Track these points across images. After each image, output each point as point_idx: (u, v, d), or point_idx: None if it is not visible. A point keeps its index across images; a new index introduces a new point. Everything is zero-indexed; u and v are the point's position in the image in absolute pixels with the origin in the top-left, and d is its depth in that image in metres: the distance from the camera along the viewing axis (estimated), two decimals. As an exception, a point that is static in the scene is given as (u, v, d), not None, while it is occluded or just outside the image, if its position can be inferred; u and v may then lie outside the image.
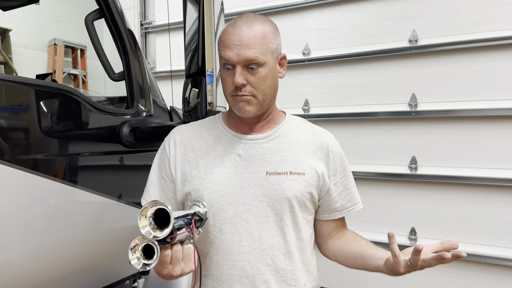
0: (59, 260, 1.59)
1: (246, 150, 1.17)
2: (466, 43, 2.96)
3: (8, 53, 3.59)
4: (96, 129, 1.67)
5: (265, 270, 1.13)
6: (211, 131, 1.23)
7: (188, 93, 1.79)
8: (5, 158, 1.30)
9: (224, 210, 1.14)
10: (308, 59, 3.50)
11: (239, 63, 1.07)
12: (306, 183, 1.16)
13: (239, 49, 1.06)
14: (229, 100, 1.14)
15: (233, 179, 1.15)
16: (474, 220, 3.02)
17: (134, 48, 1.86)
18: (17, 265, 1.43)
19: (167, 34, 4.21)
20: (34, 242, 1.45)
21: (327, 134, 1.26)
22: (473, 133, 2.99)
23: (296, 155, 1.18)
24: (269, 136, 1.19)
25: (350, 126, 3.38)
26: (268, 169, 1.15)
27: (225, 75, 1.12)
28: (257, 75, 1.09)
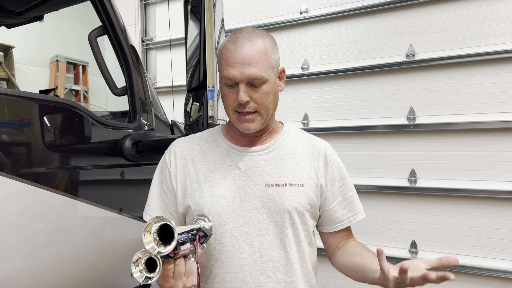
0: (61, 273, 1.60)
1: (245, 162, 1.18)
2: (462, 57, 3.00)
3: (11, 70, 3.63)
4: (99, 143, 1.70)
5: (266, 282, 1.13)
6: (210, 144, 1.24)
7: (190, 107, 1.82)
8: (9, 171, 1.31)
9: (224, 223, 1.14)
10: (307, 74, 3.55)
11: (243, 81, 1.08)
12: (305, 194, 1.17)
13: (243, 67, 1.06)
14: (232, 116, 1.14)
15: (233, 192, 1.15)
16: (474, 233, 3.02)
17: (136, 63, 1.90)
18: (19, 279, 1.43)
19: (168, 50, 4.27)
20: (36, 255, 1.46)
21: (324, 144, 1.27)
22: (471, 146, 3.02)
23: (295, 166, 1.19)
24: (268, 148, 1.20)
25: (349, 139, 3.41)
26: (267, 181, 1.16)
27: (227, 92, 1.12)
28: (260, 92, 1.10)
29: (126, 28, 1.94)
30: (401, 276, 0.94)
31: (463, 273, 3.04)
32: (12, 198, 1.34)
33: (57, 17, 3.88)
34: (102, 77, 1.92)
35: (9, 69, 3.61)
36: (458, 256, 3.05)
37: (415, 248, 3.21)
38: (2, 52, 3.62)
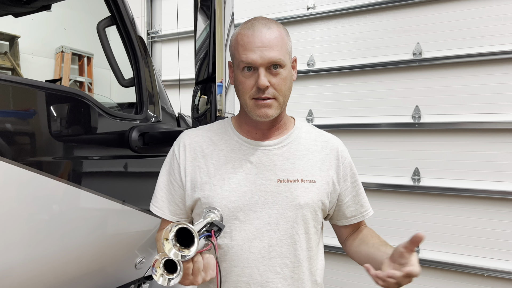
0: (66, 263, 1.60)
1: (258, 156, 1.16)
2: (469, 57, 2.99)
3: (16, 60, 3.63)
4: (106, 133, 1.69)
5: (274, 278, 1.12)
6: (221, 136, 1.21)
7: (198, 100, 1.81)
8: (15, 159, 1.31)
9: (234, 217, 1.12)
10: (312, 70, 3.54)
11: (263, 65, 1.06)
12: (317, 190, 1.16)
13: (262, 51, 1.06)
14: (249, 104, 1.11)
15: (244, 186, 1.14)
16: (476, 233, 3.02)
17: (144, 54, 1.89)
18: (23, 268, 1.43)
19: (173, 43, 4.26)
20: (40, 244, 1.46)
21: (336, 140, 1.27)
22: (476, 146, 3.01)
23: (307, 162, 1.18)
24: (280, 143, 1.19)
25: (353, 136, 3.40)
26: (279, 176, 1.14)
27: (243, 78, 1.10)
28: (279, 77, 1.09)
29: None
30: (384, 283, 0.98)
31: (464, 273, 3.04)
32: (18, 186, 1.34)
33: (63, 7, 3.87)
34: (107, 69, 1.92)
35: (14, 58, 3.60)
36: (460, 256, 3.09)
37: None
38: (8, 42, 3.61)
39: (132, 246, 1.94)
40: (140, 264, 2.00)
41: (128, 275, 2.00)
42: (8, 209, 1.32)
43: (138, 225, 1.88)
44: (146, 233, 1.96)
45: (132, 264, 1.97)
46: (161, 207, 1.23)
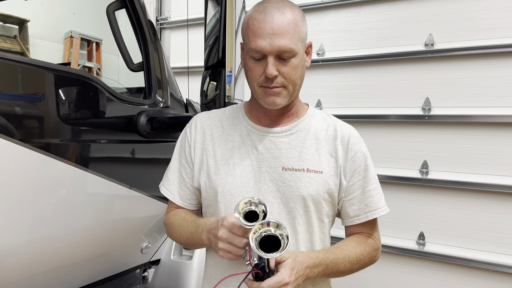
0: (72, 245, 1.61)
1: (264, 143, 1.13)
2: (482, 49, 2.94)
3: (25, 44, 3.62)
4: (114, 117, 1.69)
5: None
6: (231, 121, 1.20)
7: (206, 86, 1.80)
8: (25, 141, 1.31)
9: (236, 203, 1.09)
10: (322, 60, 3.50)
11: (272, 53, 1.02)
12: (323, 182, 1.11)
13: (272, 38, 1.00)
14: (257, 91, 1.08)
15: (248, 172, 1.12)
16: (484, 227, 3.00)
17: (153, 38, 1.87)
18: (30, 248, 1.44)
19: (182, 30, 4.23)
20: (48, 225, 1.46)
21: (349, 131, 1.19)
22: (487, 140, 2.97)
23: (315, 152, 1.13)
24: (289, 130, 1.15)
25: (361, 128, 3.37)
26: (284, 164, 1.11)
27: (253, 65, 1.06)
28: (289, 66, 1.04)
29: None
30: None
31: (470, 267, 3.02)
32: (26, 167, 1.34)
33: (73, -8, 3.86)
34: (115, 55, 1.90)
35: (23, 42, 3.59)
36: (466, 250, 3.07)
37: (423, 240, 3.19)
38: (17, 26, 3.60)
39: (138, 231, 1.94)
40: (146, 249, 2.01)
41: (134, 260, 2.01)
42: (16, 190, 1.32)
43: (145, 210, 1.88)
44: (152, 219, 1.96)
45: (138, 249, 1.98)
46: (172, 190, 1.22)
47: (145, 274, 2.10)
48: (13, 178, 1.31)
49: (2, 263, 1.38)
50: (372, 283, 3.38)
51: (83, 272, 1.75)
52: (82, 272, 1.74)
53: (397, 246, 3.25)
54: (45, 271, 1.55)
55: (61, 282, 1.67)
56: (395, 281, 3.31)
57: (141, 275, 2.07)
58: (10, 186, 1.31)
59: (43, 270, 1.54)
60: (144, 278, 2.10)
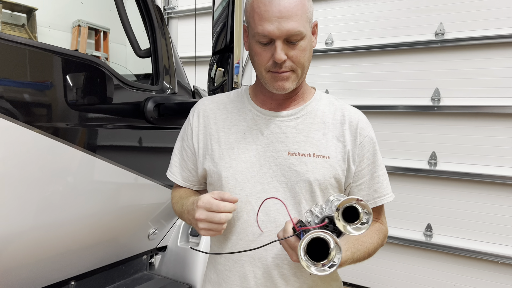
0: (79, 230, 1.61)
1: (269, 127, 1.10)
2: (494, 38, 2.89)
3: (33, 32, 3.63)
4: (122, 103, 1.68)
5: (280, 254, 1.08)
6: (235, 105, 1.17)
7: (214, 72, 1.79)
8: (32, 125, 1.31)
9: (241, 188, 1.08)
10: (330, 49, 3.47)
11: (280, 38, 0.98)
12: (330, 167, 1.08)
13: (280, 22, 0.96)
14: (265, 76, 1.05)
15: (253, 157, 1.09)
16: (492, 219, 2.97)
17: (161, 24, 1.86)
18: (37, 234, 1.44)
19: (190, 20, 4.22)
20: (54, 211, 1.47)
21: (358, 115, 1.15)
22: (497, 131, 2.93)
23: (322, 136, 1.09)
24: (295, 114, 1.11)
25: (370, 118, 3.28)
26: (290, 149, 1.08)
27: (259, 50, 1.02)
28: (297, 49, 1.00)
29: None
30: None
31: (478, 259, 3.00)
32: (33, 151, 1.34)
33: (81, -20, 3.85)
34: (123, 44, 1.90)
35: (31, 31, 3.60)
36: (474, 242, 3.04)
37: (430, 231, 3.17)
38: (25, 14, 3.60)
39: (145, 217, 1.95)
40: (153, 235, 2.02)
41: (141, 246, 2.02)
42: (24, 174, 1.33)
43: (152, 196, 1.88)
44: (159, 205, 1.97)
45: (145, 235, 1.99)
46: (174, 172, 1.22)
47: (152, 260, 2.11)
48: (21, 162, 1.31)
49: (11, 246, 1.39)
50: (379, 274, 3.37)
51: (90, 257, 1.76)
52: (89, 257, 1.76)
53: (405, 237, 3.24)
54: (53, 255, 1.56)
55: (69, 266, 1.68)
56: (402, 272, 3.30)
57: (148, 261, 2.08)
58: (19, 171, 1.31)
59: (52, 254, 1.56)
60: (151, 264, 2.11)
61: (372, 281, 3.41)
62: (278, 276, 1.08)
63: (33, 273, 1.54)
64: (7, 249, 1.38)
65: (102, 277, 1.85)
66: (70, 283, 1.72)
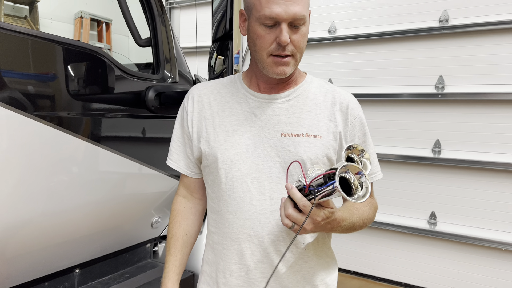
0: (82, 219, 1.63)
1: (262, 109, 1.14)
2: (499, 24, 2.86)
3: (35, 24, 3.63)
4: (123, 92, 1.69)
5: (275, 231, 1.11)
6: (228, 89, 1.20)
7: (214, 61, 1.78)
8: (34, 113, 1.32)
9: (236, 169, 1.12)
10: (333, 38, 3.45)
11: (286, 21, 1.01)
12: (322, 146, 1.12)
13: (287, 5, 1.00)
14: (266, 61, 1.07)
15: (248, 138, 1.13)
16: (496, 207, 2.96)
17: (161, 12, 1.85)
18: (42, 222, 1.46)
19: (192, 10, 4.20)
20: (58, 199, 1.49)
21: (348, 96, 1.19)
22: (501, 118, 2.91)
23: (314, 117, 1.14)
24: (287, 96, 1.15)
25: (374, 107, 3.33)
26: (283, 130, 1.12)
27: (263, 33, 1.04)
28: (299, 33, 1.04)
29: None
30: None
31: (482, 247, 3.00)
32: (35, 140, 1.35)
33: (82, -29, 3.84)
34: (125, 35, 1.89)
35: (34, 23, 3.60)
36: (478, 229, 3.05)
37: (434, 219, 3.17)
38: (28, 6, 3.61)
39: (148, 206, 1.96)
40: (156, 224, 2.03)
41: (144, 234, 2.03)
42: (28, 163, 1.34)
43: (154, 185, 1.89)
44: (162, 194, 1.98)
45: (149, 224, 2.00)
46: (176, 159, 1.23)
47: (155, 248, 2.13)
48: (25, 152, 1.32)
49: (16, 234, 1.40)
50: (384, 262, 3.38)
51: (94, 245, 1.78)
52: (93, 245, 1.78)
53: (409, 225, 3.24)
54: (58, 243, 1.58)
55: (73, 254, 1.70)
56: (406, 260, 3.31)
57: (151, 250, 2.10)
58: (22, 160, 1.32)
59: (56, 242, 1.58)
60: (155, 252, 2.13)
61: (376, 269, 3.42)
62: (274, 252, 1.11)
63: (38, 261, 1.56)
64: (13, 237, 1.40)
65: (106, 265, 1.87)
66: (74, 271, 1.74)
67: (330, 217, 0.98)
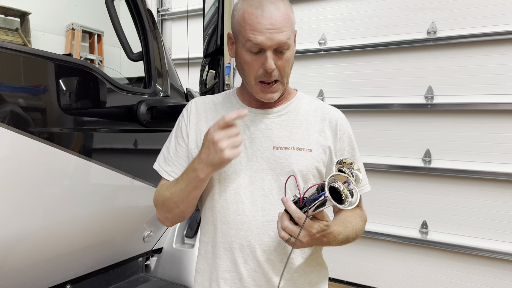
0: (75, 233, 1.62)
1: (256, 123, 1.19)
2: (485, 36, 2.91)
3: (27, 36, 3.63)
4: (115, 107, 1.69)
5: (267, 241, 1.15)
6: (224, 104, 1.25)
7: (206, 75, 1.80)
8: (26, 130, 1.32)
9: (230, 180, 1.16)
10: (324, 49, 3.49)
11: (271, 48, 1.06)
12: (312, 159, 1.17)
13: (272, 33, 1.04)
14: (254, 86, 1.12)
15: (241, 151, 1.16)
16: (487, 215, 2.99)
17: (152, 27, 1.87)
18: (33, 238, 1.45)
19: (184, 21, 4.23)
20: (50, 214, 1.48)
21: (337, 113, 1.26)
22: (490, 127, 2.96)
23: (304, 132, 1.19)
24: (279, 111, 1.21)
25: (364, 117, 3.36)
26: (275, 143, 1.17)
27: (250, 59, 1.09)
28: (284, 58, 1.09)
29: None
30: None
31: (473, 255, 3.02)
32: (28, 156, 1.35)
33: (74, -16, 3.85)
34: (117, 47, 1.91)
35: (25, 35, 3.60)
36: (469, 238, 3.07)
37: (425, 228, 3.19)
38: (19, 18, 3.61)
39: (140, 220, 1.96)
40: (148, 237, 2.03)
41: (136, 248, 2.03)
42: (19, 179, 1.34)
43: (146, 199, 1.89)
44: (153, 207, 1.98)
45: (140, 237, 2.00)
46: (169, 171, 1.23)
47: (147, 262, 2.12)
48: (16, 167, 1.32)
49: (7, 249, 1.39)
50: (376, 272, 3.39)
51: (86, 260, 1.77)
52: (85, 260, 1.77)
53: (400, 235, 3.26)
54: (49, 258, 1.57)
55: (65, 269, 1.69)
56: (399, 269, 3.32)
57: (143, 264, 2.10)
58: (13, 175, 1.32)
59: (47, 257, 1.57)
60: (147, 266, 2.12)
61: (369, 279, 3.43)
62: (266, 261, 1.15)
63: (29, 276, 1.55)
64: (2, 253, 1.39)
65: (98, 280, 1.86)
66: (65, 287, 1.73)
67: (326, 230, 1.01)
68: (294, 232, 0.98)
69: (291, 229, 0.98)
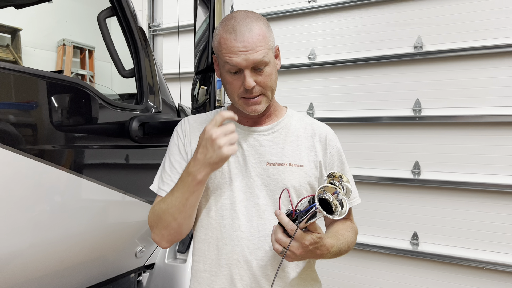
0: (67, 250, 1.62)
1: (249, 141, 1.22)
2: (470, 50, 2.99)
3: (18, 53, 3.64)
4: (107, 123, 1.71)
5: (263, 256, 1.17)
6: None
7: (197, 91, 1.82)
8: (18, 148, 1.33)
9: (225, 197, 1.19)
10: (313, 64, 3.54)
11: (248, 67, 1.11)
12: (304, 174, 1.21)
13: (246, 54, 1.09)
14: (238, 102, 1.17)
15: (235, 168, 1.20)
16: (476, 226, 3.03)
17: (144, 45, 1.90)
18: (26, 254, 1.45)
19: (175, 37, 4.27)
20: (40, 231, 1.48)
21: (326, 128, 1.31)
22: (477, 139, 3.01)
23: (296, 148, 1.23)
24: (271, 129, 1.25)
25: (354, 130, 3.41)
26: (268, 160, 1.20)
27: (230, 79, 1.15)
28: (263, 74, 1.13)
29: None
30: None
31: (463, 266, 3.05)
32: (20, 174, 1.35)
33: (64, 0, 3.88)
34: (108, 62, 1.93)
35: (16, 51, 3.61)
36: (459, 249, 3.11)
37: (416, 240, 3.22)
38: (10, 35, 3.62)
39: (132, 235, 1.96)
40: (140, 253, 2.02)
41: (128, 264, 2.02)
42: (10, 196, 1.34)
43: (138, 214, 1.89)
44: (146, 223, 1.97)
45: (132, 253, 2.00)
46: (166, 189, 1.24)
47: (139, 278, 2.11)
48: (7, 184, 1.32)
49: (-3, 269, 1.39)
50: (366, 283, 3.39)
51: (77, 277, 1.76)
52: (76, 277, 1.76)
53: (391, 246, 3.28)
54: (40, 275, 1.56)
55: (56, 286, 1.68)
56: (389, 281, 3.33)
57: (135, 280, 2.09)
58: (4, 192, 1.32)
59: (38, 274, 1.56)
60: (139, 282, 2.11)
61: (361, 291, 3.43)
62: (262, 276, 1.17)
63: (20, 295, 1.54)
64: (-7, 273, 1.38)
65: (89, 297, 1.85)
66: (57, 305, 1.72)
67: (319, 242, 1.05)
68: (287, 244, 1.01)
69: (284, 241, 1.02)
